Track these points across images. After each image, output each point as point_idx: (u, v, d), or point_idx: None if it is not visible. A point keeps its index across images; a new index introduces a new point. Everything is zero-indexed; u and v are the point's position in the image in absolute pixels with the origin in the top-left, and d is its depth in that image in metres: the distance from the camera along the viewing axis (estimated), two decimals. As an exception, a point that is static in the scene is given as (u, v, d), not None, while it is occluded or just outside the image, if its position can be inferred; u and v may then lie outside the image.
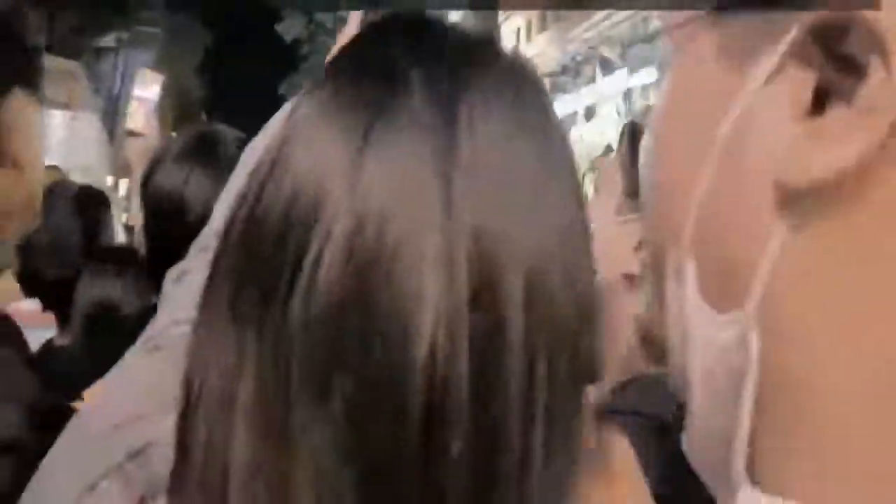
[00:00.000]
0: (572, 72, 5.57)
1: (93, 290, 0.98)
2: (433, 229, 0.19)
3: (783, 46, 0.14)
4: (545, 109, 0.23)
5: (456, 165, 0.19)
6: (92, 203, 1.05)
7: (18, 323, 0.95)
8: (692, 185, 0.15)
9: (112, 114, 9.81)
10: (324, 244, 0.19)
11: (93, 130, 2.00)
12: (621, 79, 4.76)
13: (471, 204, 0.19)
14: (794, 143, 0.13)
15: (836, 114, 0.13)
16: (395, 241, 0.19)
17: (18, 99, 0.40)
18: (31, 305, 1.08)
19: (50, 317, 1.04)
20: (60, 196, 1.03)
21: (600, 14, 4.97)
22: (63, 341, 1.02)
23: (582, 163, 5.63)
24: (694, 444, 0.18)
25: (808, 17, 0.13)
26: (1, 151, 0.39)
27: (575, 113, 5.40)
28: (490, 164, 0.20)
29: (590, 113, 5.23)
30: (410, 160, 0.20)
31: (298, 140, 0.21)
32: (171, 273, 0.42)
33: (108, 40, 6.67)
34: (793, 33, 0.13)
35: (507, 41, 6.58)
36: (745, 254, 0.14)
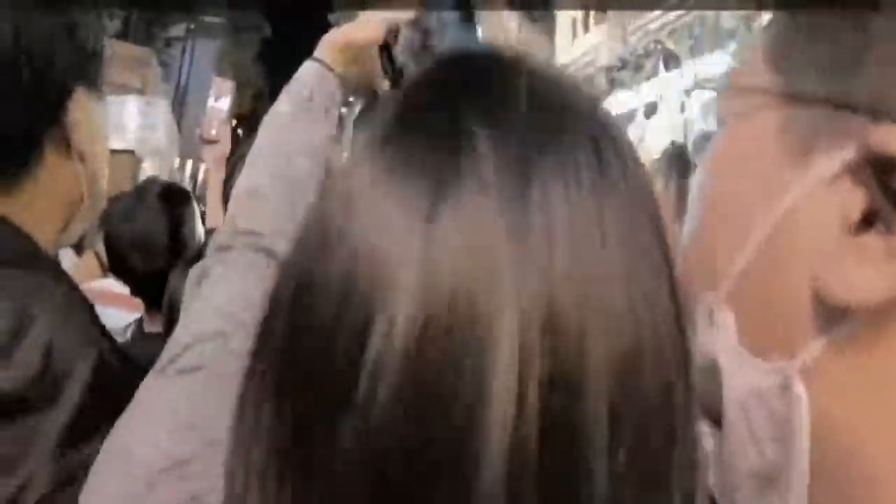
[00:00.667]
0: (632, 66, 5.29)
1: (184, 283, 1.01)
2: (507, 311, 0.17)
3: (840, 161, 0.15)
4: (629, 168, 0.20)
5: (529, 240, 0.18)
6: (176, 199, 1.07)
7: (106, 304, 0.99)
8: (738, 249, 0.17)
9: (180, 101, 10.36)
10: (386, 342, 0.17)
11: (164, 115, 2.06)
12: (686, 74, 4.47)
13: (547, 282, 0.18)
14: (838, 255, 0.14)
15: (879, 237, 0.14)
16: (465, 328, 0.17)
17: (81, 97, 0.43)
18: (121, 287, 1.12)
19: (137, 301, 1.08)
20: (149, 192, 1.07)
21: (667, 3, 4.67)
22: (154, 328, 1.05)
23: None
24: (724, 478, 0.18)
25: (865, 137, 0.14)
26: (68, 145, 0.42)
27: (634, 110, 5.14)
28: (569, 238, 0.18)
29: (650, 110, 4.95)
30: (482, 236, 0.18)
31: (357, 211, 0.19)
32: (193, 273, 0.41)
33: (177, 30, 6.97)
34: (851, 154, 0.15)
35: (562, 32, 6.33)
36: (788, 320, 0.15)
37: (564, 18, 6.53)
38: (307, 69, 0.52)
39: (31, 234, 0.40)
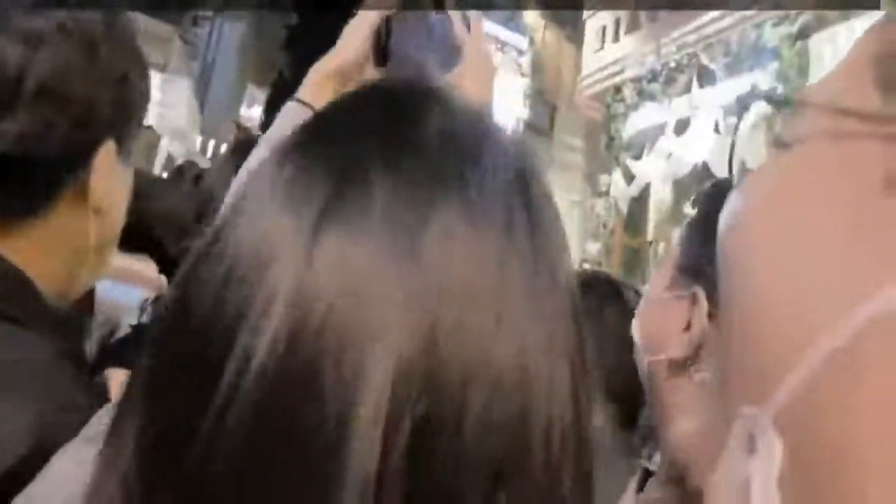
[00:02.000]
0: (663, 78, 5.04)
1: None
2: (382, 341, 0.16)
3: None
4: (540, 216, 0.20)
5: (415, 274, 0.17)
6: (199, 178, 1.08)
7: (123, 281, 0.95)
8: (798, 351, 0.12)
9: (206, 79, 10.38)
10: (255, 338, 0.17)
11: (185, 93, 1.95)
12: (723, 92, 4.23)
13: (428, 324, 0.17)
14: None
15: None
16: (340, 338, 0.16)
17: (110, 150, 0.42)
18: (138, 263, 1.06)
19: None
20: (186, 176, 1.04)
21: (706, 16, 4.42)
22: None
23: (665, 181, 5.16)
24: None
25: None
26: (85, 194, 0.41)
27: (664, 124, 4.91)
28: (460, 281, 0.17)
29: (681, 126, 4.72)
30: (365, 259, 0.17)
31: (248, 209, 0.19)
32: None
33: (204, 9, 6.89)
34: None
35: (590, 41, 6.09)
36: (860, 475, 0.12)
37: (593, 25, 6.27)
38: (289, 113, 0.50)
39: (32, 279, 0.39)
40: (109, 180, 0.42)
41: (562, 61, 6.44)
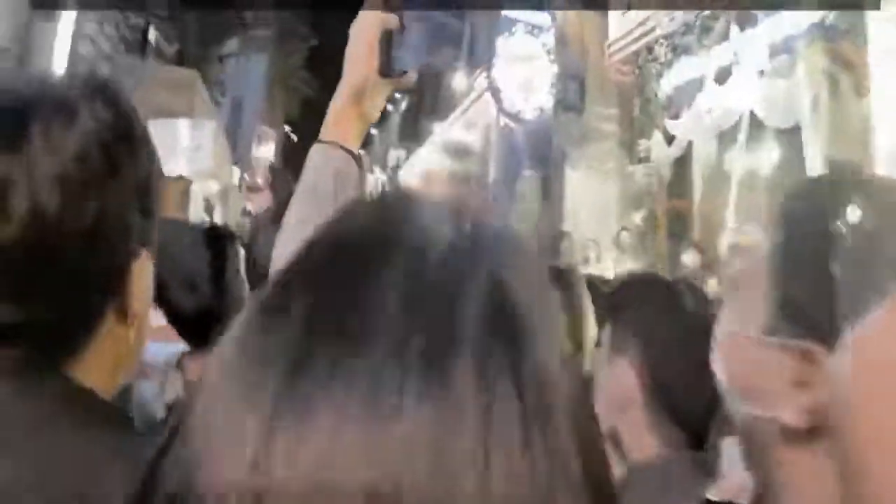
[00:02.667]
0: (698, 29, 4.80)
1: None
2: None
3: None
4: (537, 382, 0.16)
5: (381, 462, 0.15)
6: (219, 240, 1.03)
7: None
8: None
9: (237, 114, 10.80)
10: None
11: (212, 135, 2.03)
12: (767, 30, 3.97)
13: None
14: None
15: None
16: None
17: (144, 259, 0.42)
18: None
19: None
20: (191, 234, 1.01)
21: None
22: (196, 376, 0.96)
23: (708, 137, 4.91)
24: None
25: None
26: (125, 307, 0.42)
27: (702, 77, 4.67)
28: (428, 468, 0.15)
29: (722, 76, 4.47)
30: (325, 450, 0.15)
31: (202, 401, 0.17)
32: None
33: (229, 47, 7.14)
34: None
35: (615, 3, 5.87)
36: None
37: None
38: (317, 156, 0.52)
39: (94, 391, 0.40)
40: (144, 284, 0.43)
41: (586, 31, 6.26)
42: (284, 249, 0.50)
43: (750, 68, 4.12)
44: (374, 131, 25.09)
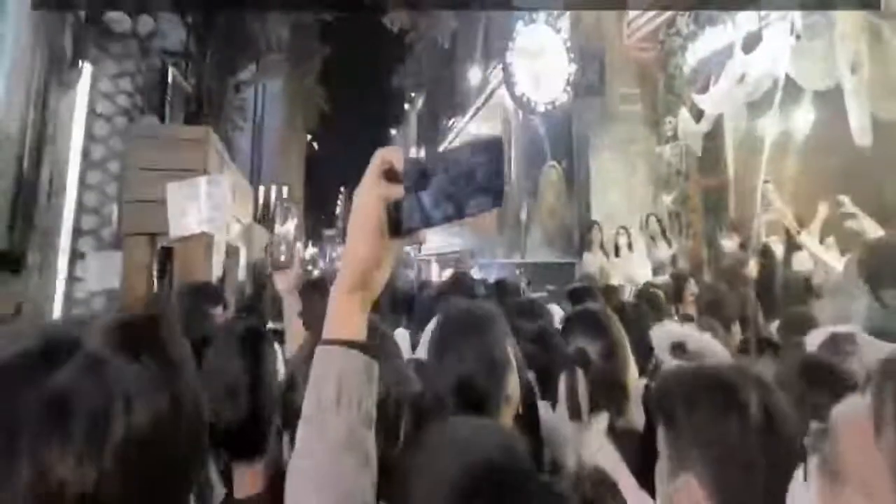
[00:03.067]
0: (721, -4, 4.47)
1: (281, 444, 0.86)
2: None
3: None
4: None
5: None
6: (255, 340, 0.98)
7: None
8: None
9: (258, 136, 11.01)
10: None
11: (229, 191, 2.04)
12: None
13: None
14: None
15: None
16: None
17: None
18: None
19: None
20: (226, 336, 0.97)
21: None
22: (245, 491, 0.89)
23: (739, 108, 4.59)
24: None
25: None
26: None
27: (730, 46, 4.36)
28: None
29: (751, 42, 4.16)
30: None
31: None
32: None
33: (244, 74, 7.24)
34: None
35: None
36: None
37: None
38: (322, 360, 0.51)
39: None
40: None
41: (601, 10, 5.97)
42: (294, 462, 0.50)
43: (782, 31, 3.80)
44: (393, 132, 25.19)
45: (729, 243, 3.94)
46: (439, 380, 0.91)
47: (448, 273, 5.45)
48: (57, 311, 3.18)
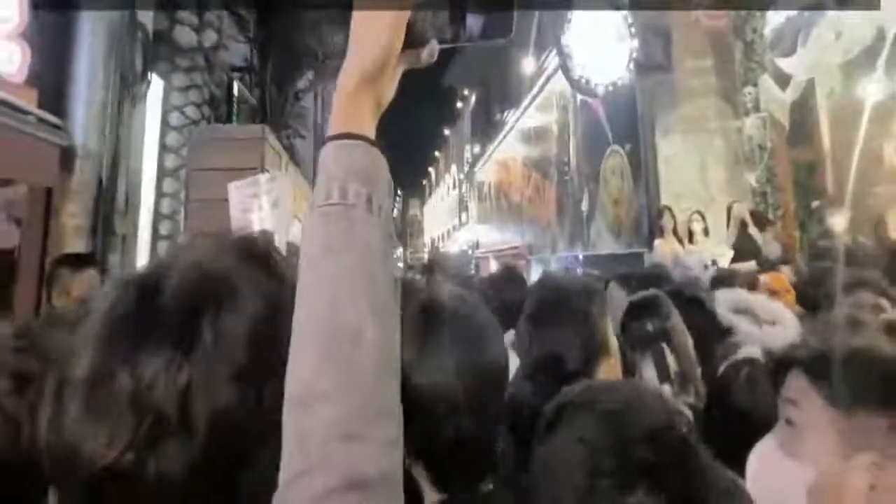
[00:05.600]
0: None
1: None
2: None
3: None
4: None
5: None
6: None
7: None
8: None
9: (320, 141, 11.38)
10: None
11: (287, 187, 2.00)
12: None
13: None
14: None
15: None
16: None
17: None
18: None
19: None
20: None
21: None
22: None
23: (832, 70, 3.96)
24: None
25: None
26: None
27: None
28: None
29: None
30: None
31: None
32: None
33: (303, 82, 7.43)
34: None
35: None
36: None
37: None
38: (332, 157, 0.41)
39: None
40: None
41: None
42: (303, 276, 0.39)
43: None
44: (447, 131, 25.18)
45: (839, 220, 3.40)
46: (532, 353, 0.90)
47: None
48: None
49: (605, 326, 0.96)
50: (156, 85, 3.59)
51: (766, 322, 1.15)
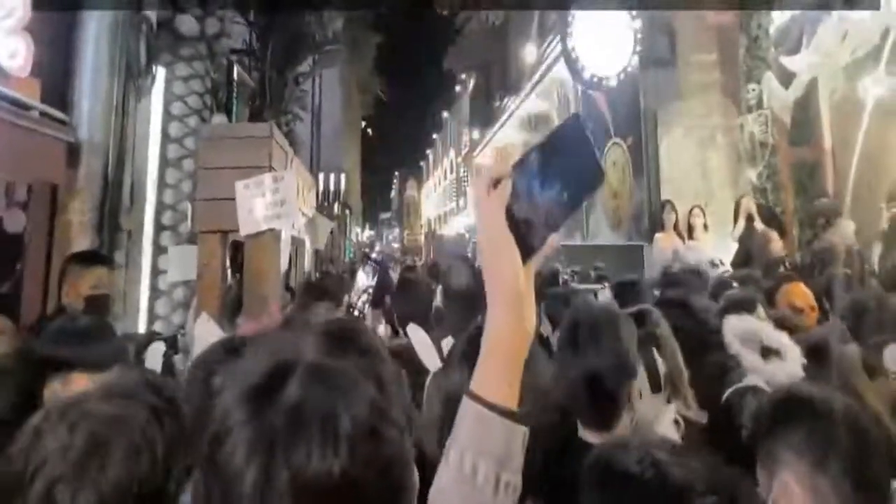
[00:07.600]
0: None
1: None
2: None
3: None
4: None
5: None
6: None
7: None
8: None
9: (318, 123, 11.24)
10: None
11: (293, 185, 1.99)
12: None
13: None
14: None
15: None
16: None
17: None
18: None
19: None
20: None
21: None
22: None
23: (837, 68, 3.93)
24: None
25: None
26: None
27: (831, -1, 3.74)
28: None
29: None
30: None
31: None
32: None
33: (304, 67, 7.29)
34: None
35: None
36: None
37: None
38: (469, 427, 0.44)
39: None
40: None
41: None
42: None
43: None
44: (445, 114, 24.86)
45: (846, 222, 3.41)
46: (568, 378, 0.98)
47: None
48: (143, 301, 3.44)
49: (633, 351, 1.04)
50: (158, 75, 3.53)
51: (773, 353, 1.19)
